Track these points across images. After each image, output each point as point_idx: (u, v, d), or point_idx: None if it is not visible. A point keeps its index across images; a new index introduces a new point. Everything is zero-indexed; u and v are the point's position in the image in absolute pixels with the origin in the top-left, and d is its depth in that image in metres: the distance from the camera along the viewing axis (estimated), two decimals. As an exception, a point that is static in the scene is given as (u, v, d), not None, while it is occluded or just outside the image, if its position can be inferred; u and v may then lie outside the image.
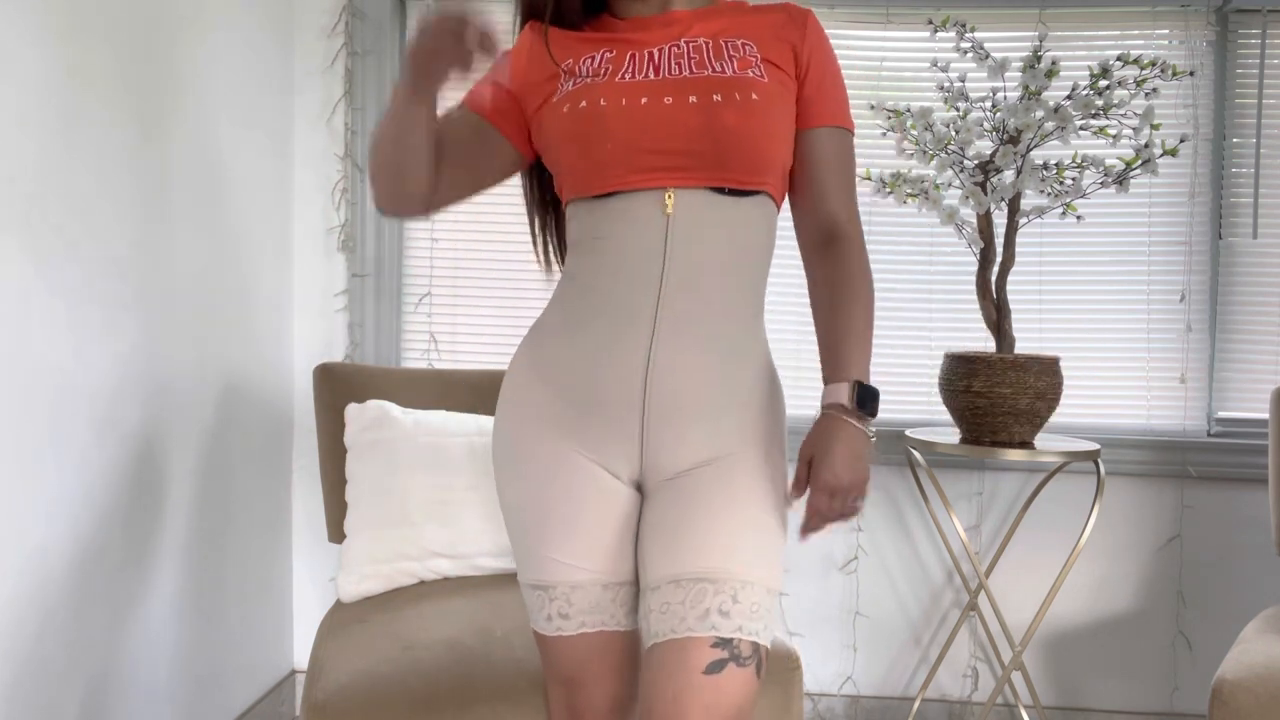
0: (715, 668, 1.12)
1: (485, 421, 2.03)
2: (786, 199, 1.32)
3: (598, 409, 1.21)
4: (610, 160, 1.20)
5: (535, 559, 1.25)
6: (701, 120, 1.18)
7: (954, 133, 2.14)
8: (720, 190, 1.20)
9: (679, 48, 1.25)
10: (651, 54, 1.25)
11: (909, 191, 2.21)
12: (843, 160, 1.29)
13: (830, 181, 1.27)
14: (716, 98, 1.19)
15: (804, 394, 2.60)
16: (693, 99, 1.19)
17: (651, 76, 1.22)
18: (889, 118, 2.20)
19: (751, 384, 1.24)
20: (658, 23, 1.28)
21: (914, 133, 2.18)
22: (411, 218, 1.38)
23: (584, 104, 1.21)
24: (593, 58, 1.26)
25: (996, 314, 2.20)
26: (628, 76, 1.22)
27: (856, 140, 1.33)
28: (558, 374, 1.23)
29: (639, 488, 1.26)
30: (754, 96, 1.20)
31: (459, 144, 1.30)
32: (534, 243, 1.44)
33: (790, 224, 1.34)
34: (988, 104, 2.16)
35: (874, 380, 1.24)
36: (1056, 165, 2.15)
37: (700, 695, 1.11)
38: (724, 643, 1.13)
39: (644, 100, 1.19)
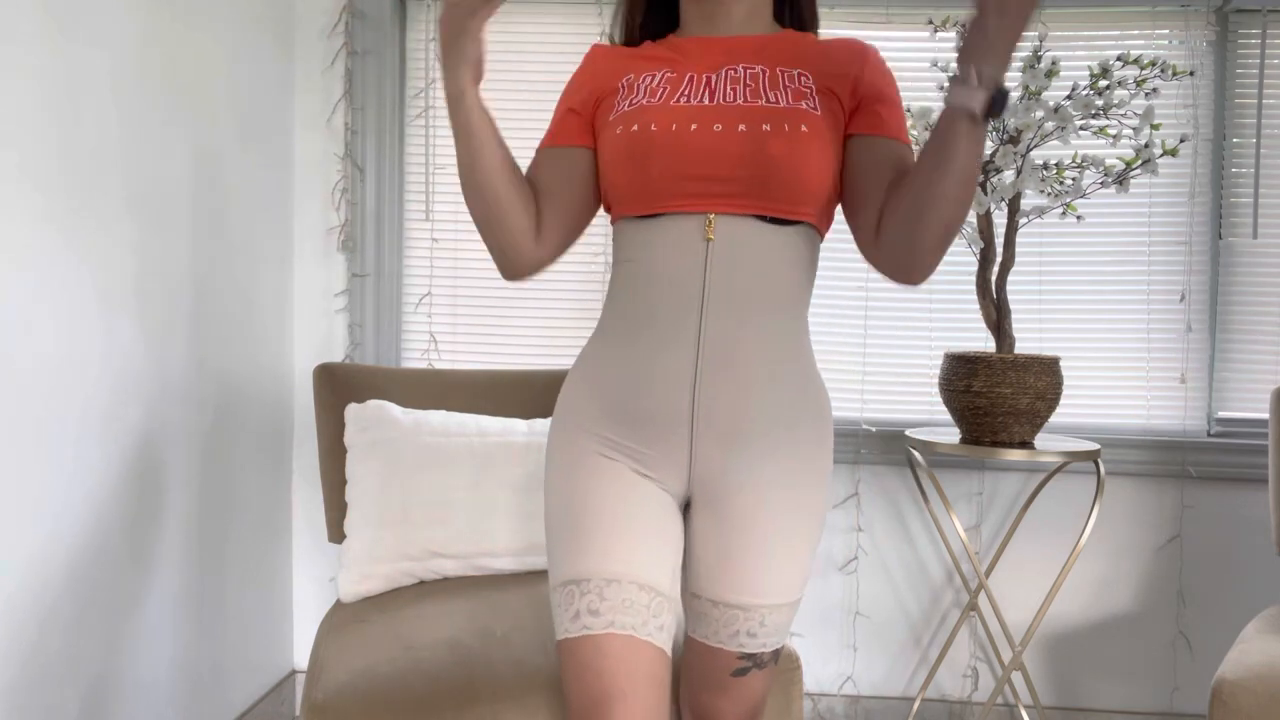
0: (740, 673, 1.32)
1: (485, 422, 2.03)
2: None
3: (648, 424, 1.23)
4: (657, 183, 1.22)
5: (571, 554, 1.23)
6: (748, 149, 1.20)
7: (954, 133, 2.13)
8: (763, 218, 1.22)
9: (736, 72, 1.26)
10: (709, 79, 1.26)
11: (909, 191, 2.21)
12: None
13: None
14: (766, 127, 1.21)
15: (804, 394, 2.60)
16: (742, 127, 1.21)
17: (706, 101, 1.24)
18: (889, 118, 2.19)
19: (798, 410, 1.26)
20: (720, 47, 1.30)
21: (914, 133, 2.18)
22: (531, 269, 1.35)
23: (635, 127, 1.24)
24: (652, 75, 1.29)
25: (996, 314, 2.20)
26: (683, 100, 1.25)
27: None
28: (607, 387, 1.26)
29: (687, 501, 1.29)
30: (803, 128, 1.21)
31: (553, 180, 1.32)
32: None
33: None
34: (988, 104, 2.15)
35: (874, 380, 1.26)
36: (1056, 165, 2.15)
37: (727, 690, 1.34)
38: (748, 656, 1.30)
39: (694, 127, 1.22)
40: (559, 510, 1.27)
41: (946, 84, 1.11)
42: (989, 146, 2.17)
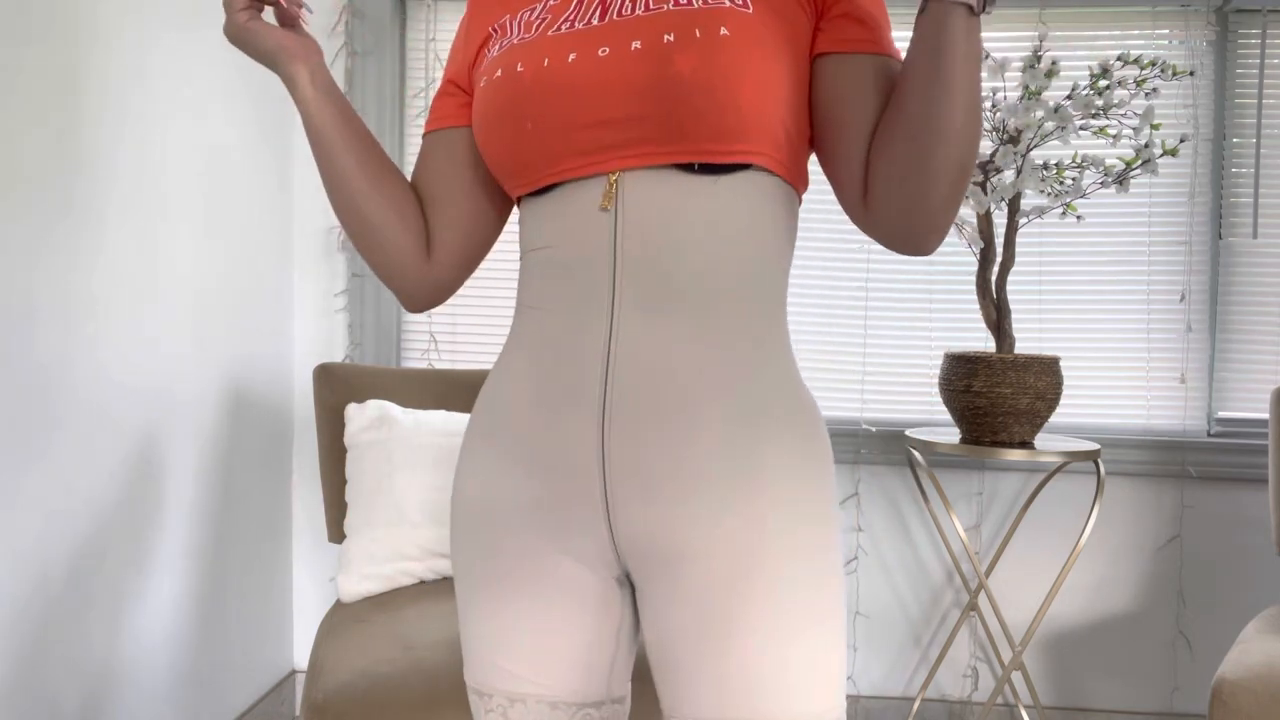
0: None
1: (485, 421, 2.02)
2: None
3: (552, 478, 0.90)
4: (535, 143, 0.89)
5: (474, 657, 0.96)
6: (646, 72, 0.85)
7: (954, 133, 2.13)
8: (688, 168, 0.86)
9: None
10: None
11: (909, 191, 2.21)
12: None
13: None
14: (669, 38, 0.85)
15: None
16: (636, 44, 0.86)
17: (595, 22, 0.90)
18: (889, 118, 2.19)
19: (768, 435, 0.87)
20: None
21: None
22: (430, 295, 1.06)
23: (499, 73, 0.92)
24: (532, 9, 0.96)
25: (996, 314, 2.20)
26: (564, 28, 0.91)
27: None
28: (504, 432, 0.94)
29: (625, 577, 0.94)
30: (723, 31, 0.84)
31: (436, 177, 1.03)
32: None
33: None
34: (988, 104, 2.16)
35: (874, 380, 1.16)
36: (1056, 165, 2.15)
37: None
38: None
39: (572, 57, 0.88)
40: (459, 591, 0.99)
41: None
42: (989, 146, 2.17)
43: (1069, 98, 2.11)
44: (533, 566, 0.92)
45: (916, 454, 2.37)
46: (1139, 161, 2.11)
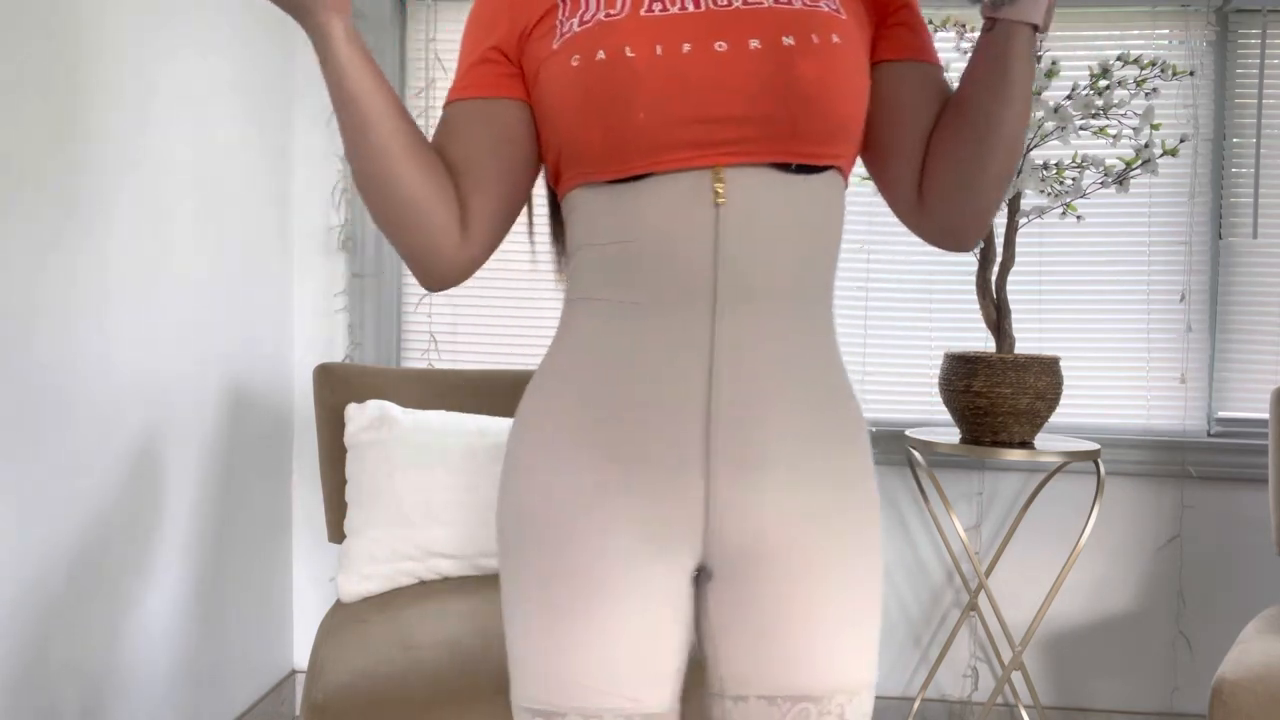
0: None
1: (485, 422, 2.03)
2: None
3: (650, 477, 0.89)
4: (644, 133, 0.87)
5: (539, 673, 0.91)
6: (770, 72, 0.86)
7: (954, 133, 2.13)
8: (786, 168, 0.88)
9: None
10: None
11: (909, 191, 2.21)
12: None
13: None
14: (788, 40, 0.87)
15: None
16: (755, 43, 0.87)
17: (690, 8, 0.88)
18: (889, 118, 2.19)
19: (837, 421, 0.94)
20: None
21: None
22: (459, 275, 0.99)
23: (602, 55, 0.87)
24: None
25: (996, 314, 2.20)
26: (657, 9, 0.89)
27: None
28: (586, 432, 0.91)
29: (699, 572, 0.95)
30: (835, 39, 0.88)
31: (476, 149, 0.95)
32: (556, 249, 1.09)
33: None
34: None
35: (874, 380, 1.17)
36: (1056, 165, 2.15)
37: None
38: None
39: (686, 47, 0.86)
40: (527, 605, 0.92)
41: None
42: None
43: (1069, 98, 2.11)
44: (626, 571, 0.89)
45: (916, 454, 2.37)
46: (1139, 161, 2.11)
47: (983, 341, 2.52)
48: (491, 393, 2.15)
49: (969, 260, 2.50)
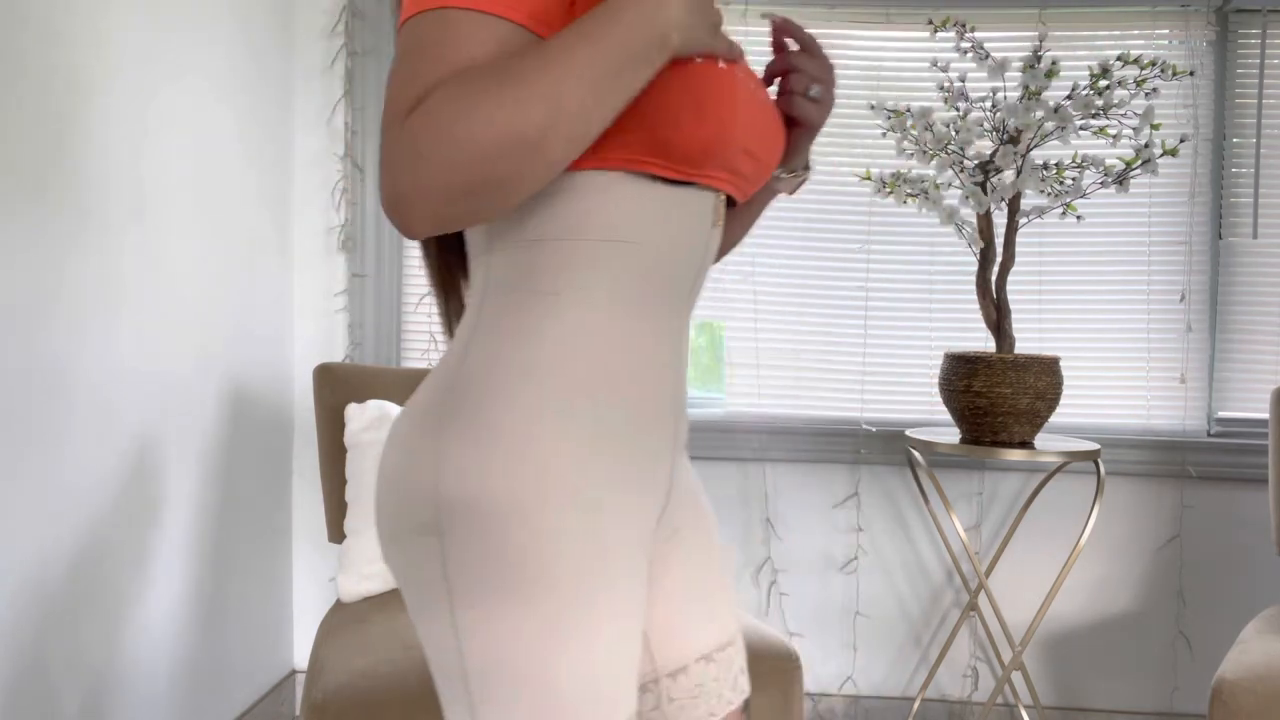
0: None
1: (485, 421, 2.02)
2: None
3: (652, 468, 0.92)
4: (718, 146, 0.85)
5: (599, 686, 0.83)
6: (781, 127, 0.96)
7: (954, 133, 2.14)
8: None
9: None
10: None
11: (909, 191, 2.22)
12: None
13: None
14: (772, 93, 0.95)
15: (803, 394, 2.60)
16: (769, 94, 0.94)
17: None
18: (889, 118, 2.20)
19: None
20: None
21: (914, 133, 2.18)
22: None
23: (721, 63, 0.85)
24: None
25: (996, 314, 2.20)
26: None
27: (857, 140, 1.19)
28: (615, 426, 0.87)
29: None
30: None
31: None
32: (442, 302, 1.03)
33: (789, 218, 1.24)
34: (988, 104, 2.16)
35: (874, 380, 1.20)
36: (1056, 165, 2.15)
37: None
38: (745, 701, 1.04)
39: (752, 86, 0.90)
40: (573, 616, 0.82)
41: (946, 84, 1.04)
42: (990, 146, 2.17)
43: (1069, 98, 2.11)
44: (639, 565, 0.87)
45: (916, 454, 2.37)
46: (1139, 161, 2.11)
47: (983, 341, 2.53)
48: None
49: (969, 260, 2.51)
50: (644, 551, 0.89)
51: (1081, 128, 2.12)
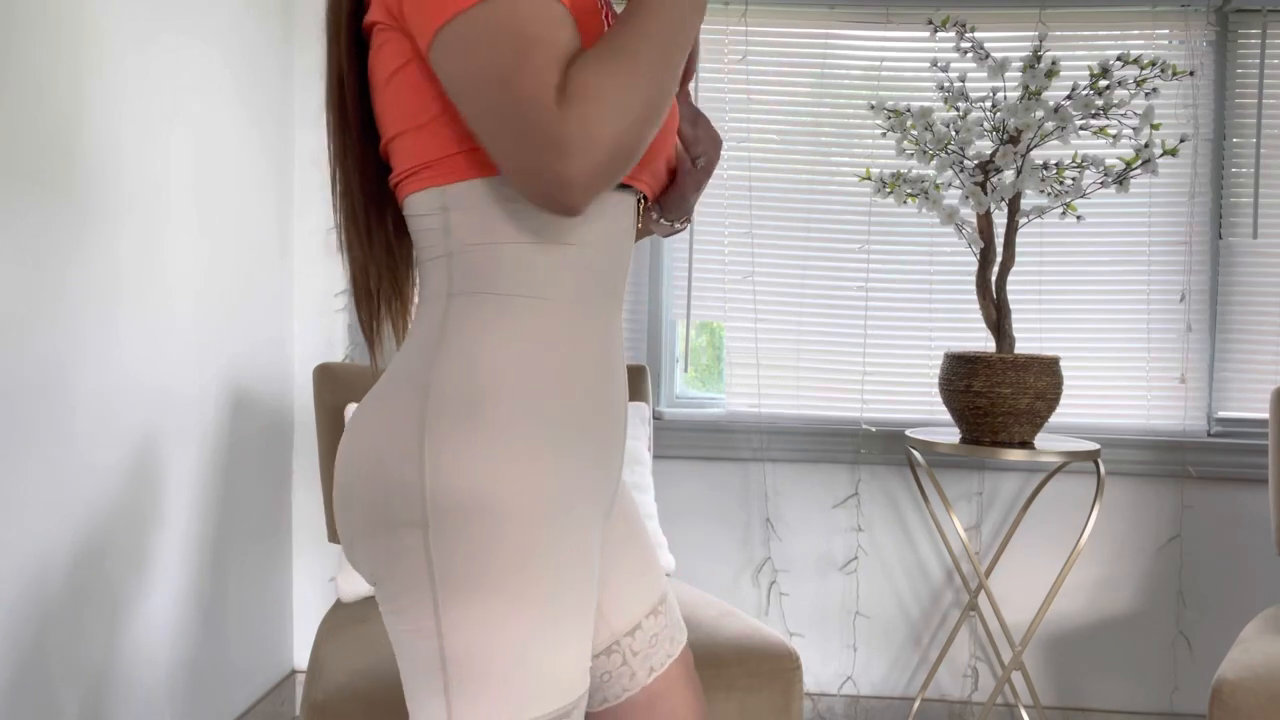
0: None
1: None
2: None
3: (612, 459, 0.99)
4: (656, 148, 0.95)
5: (566, 674, 0.89)
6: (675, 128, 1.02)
7: (954, 133, 2.14)
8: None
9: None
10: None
11: (909, 191, 2.22)
12: None
13: None
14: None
15: (803, 394, 2.60)
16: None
17: None
18: (889, 118, 2.20)
19: None
20: None
21: (914, 133, 2.18)
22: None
23: None
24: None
25: (996, 314, 2.20)
26: None
27: (857, 140, 1.21)
28: (579, 423, 0.93)
29: None
30: None
31: None
32: (374, 307, 1.12)
33: (790, 218, 1.25)
34: (988, 104, 2.16)
35: (874, 380, 1.21)
36: (1056, 165, 2.15)
37: (699, 693, 1.15)
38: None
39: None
40: (552, 606, 0.88)
41: (946, 84, 1.02)
42: (990, 146, 2.17)
43: (1069, 98, 2.11)
44: (598, 550, 0.94)
45: (916, 454, 2.37)
46: (1139, 161, 2.11)
47: (983, 341, 2.53)
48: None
49: (969, 260, 2.51)
50: (600, 536, 0.95)
51: (1081, 128, 2.12)
